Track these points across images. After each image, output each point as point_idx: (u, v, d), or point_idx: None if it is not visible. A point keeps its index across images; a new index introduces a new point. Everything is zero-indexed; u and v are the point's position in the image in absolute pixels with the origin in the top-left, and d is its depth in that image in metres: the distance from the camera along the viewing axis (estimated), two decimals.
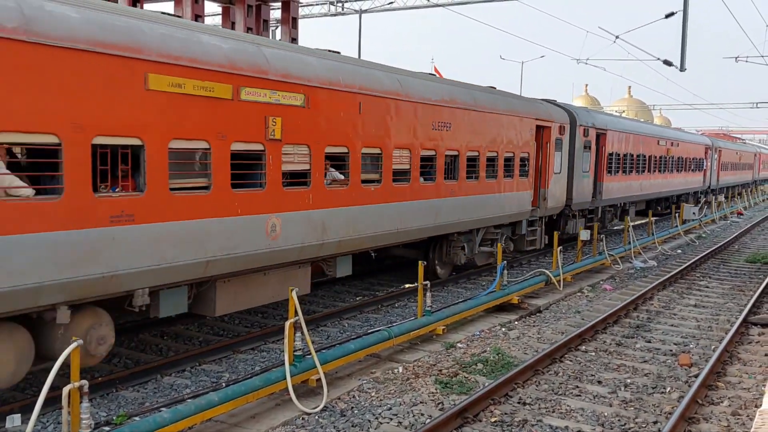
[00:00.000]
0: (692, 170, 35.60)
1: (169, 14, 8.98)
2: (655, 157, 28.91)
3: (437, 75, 22.89)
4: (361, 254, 12.98)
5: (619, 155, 24.19)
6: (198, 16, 21.76)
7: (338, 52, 11.66)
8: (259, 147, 9.32)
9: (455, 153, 14.02)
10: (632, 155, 25.72)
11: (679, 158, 32.79)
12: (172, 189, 8.14)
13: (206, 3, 23.44)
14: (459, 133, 14.05)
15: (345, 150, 11.04)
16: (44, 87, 6.75)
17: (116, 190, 7.62)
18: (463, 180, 14.37)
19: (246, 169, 9.21)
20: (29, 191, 6.85)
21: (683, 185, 34.28)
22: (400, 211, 12.51)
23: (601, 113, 27.77)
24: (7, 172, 6.81)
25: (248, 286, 9.94)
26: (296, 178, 10.21)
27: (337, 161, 11.16)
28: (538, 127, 17.73)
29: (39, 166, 7.17)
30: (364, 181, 11.55)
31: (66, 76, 6.92)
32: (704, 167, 38.30)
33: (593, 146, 21.62)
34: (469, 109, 14.39)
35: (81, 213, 7.13)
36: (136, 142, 7.69)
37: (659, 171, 29.68)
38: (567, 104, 22.00)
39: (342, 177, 11.22)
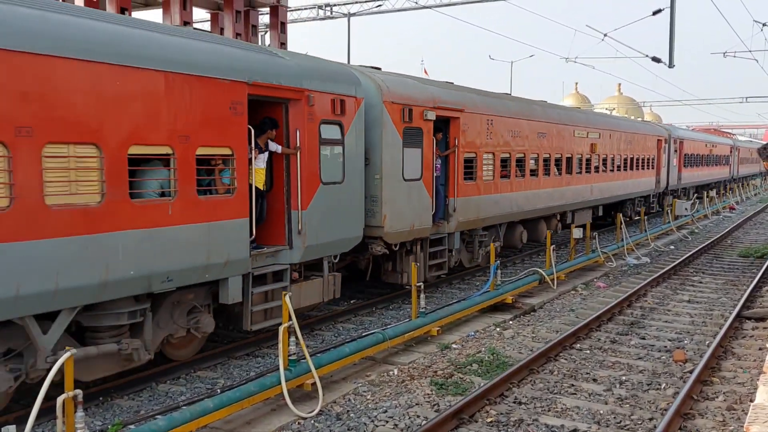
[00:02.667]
0: (722, 164, 47.30)
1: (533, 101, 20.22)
2: (704, 155, 40.54)
3: (426, 77, 23.05)
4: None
5: (688, 155, 35.96)
6: (186, 23, 21.70)
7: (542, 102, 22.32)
8: (588, 156, 21.31)
9: (632, 156, 26.45)
10: (694, 154, 37.49)
11: (716, 156, 44.37)
12: (530, 174, 17.97)
13: (194, 9, 23.40)
14: (633, 145, 26.59)
15: (610, 156, 23.61)
16: (478, 133, 15.35)
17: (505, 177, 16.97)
18: (633, 169, 26.79)
19: (586, 165, 21.22)
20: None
21: (718, 175, 45.83)
22: (620, 186, 25.28)
23: (680, 129, 40.32)
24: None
25: (579, 215, 21.27)
26: (597, 168, 22.30)
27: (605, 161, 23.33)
28: (657, 140, 30.40)
29: (473, 166, 15.34)
30: (614, 169, 24.24)
31: (498, 127, 16.34)
32: (729, 162, 50.26)
33: (678, 150, 33.84)
34: (636, 133, 27.32)
35: (493, 187, 16.02)
36: (521, 155, 17.56)
37: (706, 165, 41.15)
38: (666, 124, 39.51)
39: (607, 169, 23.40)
